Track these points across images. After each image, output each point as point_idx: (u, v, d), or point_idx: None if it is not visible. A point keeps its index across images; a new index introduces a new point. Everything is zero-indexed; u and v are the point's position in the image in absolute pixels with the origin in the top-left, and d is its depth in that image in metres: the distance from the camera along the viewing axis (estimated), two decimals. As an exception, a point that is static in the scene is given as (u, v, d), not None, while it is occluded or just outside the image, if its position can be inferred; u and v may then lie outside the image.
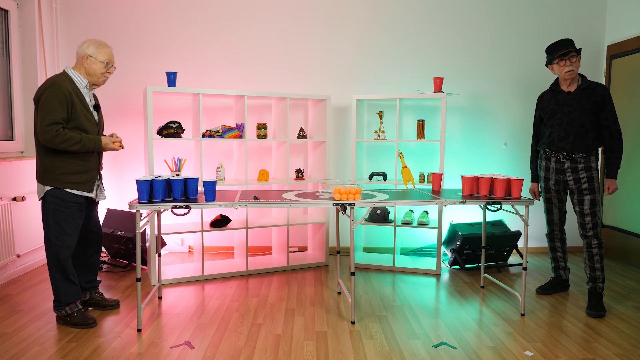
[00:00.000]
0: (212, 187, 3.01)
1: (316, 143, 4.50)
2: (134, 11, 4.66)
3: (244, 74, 4.75)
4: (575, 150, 3.32)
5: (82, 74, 2.95)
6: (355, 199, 3.04)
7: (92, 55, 2.94)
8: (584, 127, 3.29)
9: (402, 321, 3.10)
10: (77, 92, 2.88)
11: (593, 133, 3.29)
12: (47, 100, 2.76)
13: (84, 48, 2.94)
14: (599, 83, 3.33)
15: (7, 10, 4.11)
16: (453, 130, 4.84)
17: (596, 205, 3.31)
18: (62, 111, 2.77)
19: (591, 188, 3.30)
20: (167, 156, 4.68)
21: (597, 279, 3.30)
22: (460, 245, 4.24)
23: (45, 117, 2.74)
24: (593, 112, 3.27)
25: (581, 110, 3.29)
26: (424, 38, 4.79)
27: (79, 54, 2.95)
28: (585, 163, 3.31)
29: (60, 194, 2.85)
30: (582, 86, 3.32)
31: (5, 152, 4.08)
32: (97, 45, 2.95)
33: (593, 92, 3.28)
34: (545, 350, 2.70)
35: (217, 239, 4.85)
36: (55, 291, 2.95)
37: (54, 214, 2.86)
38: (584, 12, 4.83)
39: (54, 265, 2.91)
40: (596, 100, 3.25)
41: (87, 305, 3.23)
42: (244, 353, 2.63)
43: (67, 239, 2.89)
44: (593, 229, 3.30)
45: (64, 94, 2.79)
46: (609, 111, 3.25)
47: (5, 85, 4.13)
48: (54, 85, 2.79)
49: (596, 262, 3.30)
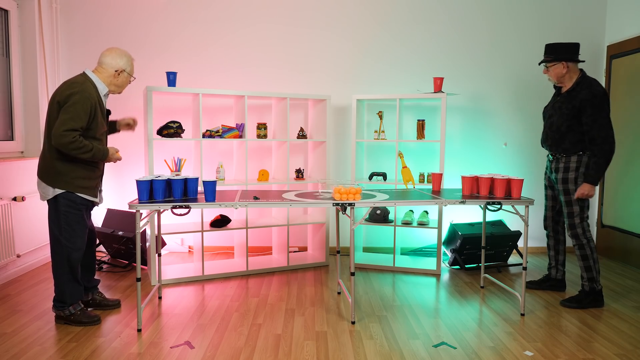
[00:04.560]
0: (212, 187, 3.01)
1: (316, 143, 4.50)
2: (134, 11, 4.66)
3: (244, 74, 4.75)
4: (555, 151, 3.43)
5: (105, 81, 2.95)
6: (355, 199, 3.04)
7: (126, 70, 2.97)
8: (559, 131, 3.35)
9: (402, 321, 3.10)
10: (99, 100, 2.89)
11: (572, 137, 3.32)
12: (74, 105, 2.73)
13: (117, 61, 2.93)
14: (591, 84, 3.26)
15: (7, 10, 4.11)
16: (453, 130, 4.84)
17: (571, 206, 3.36)
18: (84, 120, 2.76)
19: (565, 189, 3.37)
20: (167, 156, 4.68)
21: (583, 278, 3.40)
22: (460, 245, 4.24)
23: (67, 121, 2.71)
24: (571, 116, 3.29)
25: (559, 115, 3.35)
26: (424, 38, 4.79)
27: (110, 65, 2.93)
28: (565, 164, 3.37)
29: (72, 196, 2.88)
30: (570, 89, 3.34)
31: (5, 152, 4.08)
32: (128, 59, 2.99)
33: (575, 97, 3.29)
34: (545, 350, 2.70)
35: (217, 239, 4.85)
36: (59, 292, 2.95)
37: (66, 217, 2.88)
38: (584, 12, 4.83)
39: (62, 267, 2.91)
40: (574, 105, 3.27)
41: (89, 305, 3.23)
42: (244, 353, 2.63)
43: (78, 240, 2.93)
44: (570, 229, 3.38)
45: (92, 103, 2.79)
46: (589, 116, 3.22)
47: (5, 85, 4.13)
48: (83, 92, 2.77)
49: (578, 263, 3.40)
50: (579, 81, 3.31)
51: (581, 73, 3.36)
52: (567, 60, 3.32)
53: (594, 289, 3.35)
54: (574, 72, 3.36)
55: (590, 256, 3.33)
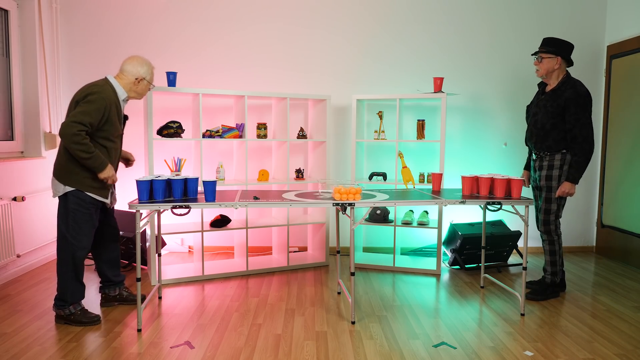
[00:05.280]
0: (212, 187, 3.01)
1: (316, 143, 4.50)
2: (134, 11, 4.66)
3: (244, 74, 4.75)
4: (539, 149, 3.49)
5: (125, 87, 3.03)
6: (355, 199, 3.04)
7: (146, 78, 3.07)
8: (544, 129, 3.42)
9: (402, 321, 3.10)
10: (116, 104, 2.96)
11: (556, 135, 3.38)
12: (88, 102, 2.81)
13: (138, 69, 3.02)
14: (575, 84, 3.35)
15: (7, 10, 4.11)
16: (453, 130, 4.84)
17: (551, 203, 3.45)
18: (95, 118, 2.81)
19: (548, 186, 3.46)
20: (167, 156, 4.68)
21: (546, 271, 3.56)
22: (460, 245, 4.24)
23: (77, 114, 2.77)
24: (556, 114, 3.36)
25: (544, 113, 3.42)
26: (424, 38, 4.79)
27: (131, 73, 3.02)
28: (549, 161, 3.44)
29: (82, 195, 2.92)
30: (555, 87, 3.42)
31: (5, 152, 4.08)
32: (148, 67, 3.08)
33: (560, 95, 3.37)
34: (545, 350, 2.70)
35: (217, 239, 4.85)
36: (61, 290, 2.97)
37: (74, 214, 2.92)
38: (584, 12, 4.83)
39: (66, 264, 2.95)
40: (559, 104, 3.35)
41: (116, 300, 3.31)
42: (244, 353, 2.63)
43: (84, 239, 2.96)
44: (543, 225, 3.49)
45: (106, 104, 2.86)
46: (572, 115, 3.30)
47: (5, 85, 4.13)
48: (101, 93, 2.85)
49: (545, 256, 3.55)
50: (564, 81, 3.40)
51: (566, 73, 3.45)
52: (563, 57, 3.39)
53: (555, 282, 3.55)
54: (561, 71, 3.44)
55: (557, 252, 3.51)
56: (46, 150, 4.39)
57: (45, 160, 4.38)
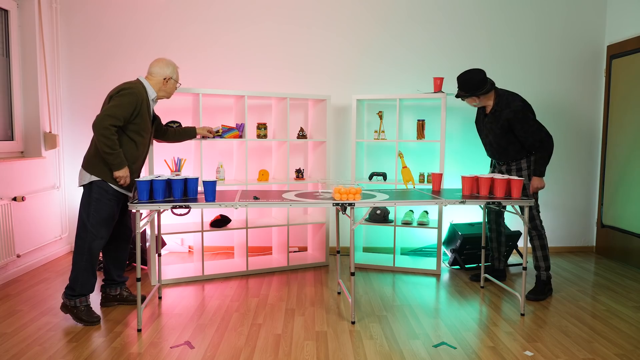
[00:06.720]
0: (212, 187, 3.01)
1: (316, 143, 4.50)
2: (134, 11, 4.66)
3: (244, 74, 4.75)
4: (504, 161, 3.66)
5: (155, 87, 3.19)
6: (355, 199, 3.04)
7: (173, 77, 3.23)
8: (500, 146, 3.59)
9: (402, 321, 3.10)
10: (147, 102, 3.11)
11: (514, 147, 3.55)
12: (121, 97, 2.96)
13: (165, 70, 3.18)
14: (508, 102, 3.44)
15: (7, 10, 4.11)
16: (453, 130, 4.84)
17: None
18: (127, 111, 2.95)
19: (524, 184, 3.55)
20: (167, 156, 4.68)
21: (541, 267, 3.60)
22: (460, 245, 4.24)
23: (111, 107, 2.91)
24: (505, 132, 3.52)
25: (494, 135, 3.58)
26: (423, 38, 4.79)
27: (159, 74, 3.18)
28: (516, 165, 3.62)
29: (106, 186, 3.00)
30: (492, 110, 3.54)
31: (5, 152, 4.08)
32: (174, 67, 3.23)
33: (499, 117, 3.50)
34: (545, 350, 2.70)
35: (217, 239, 4.85)
36: (73, 278, 3.00)
37: (96, 204, 2.99)
38: (584, 12, 4.83)
39: (82, 253, 3.00)
40: (503, 125, 3.50)
41: (116, 300, 3.32)
42: (244, 353, 2.63)
43: (102, 230, 3.02)
44: (530, 221, 3.54)
45: (138, 100, 3.01)
46: (520, 130, 3.44)
47: (5, 85, 4.13)
48: (133, 89, 3.01)
49: (537, 253, 3.61)
50: (497, 100, 3.52)
51: (495, 91, 3.54)
52: (477, 95, 3.50)
53: (550, 277, 3.60)
54: (488, 96, 3.55)
55: (546, 246, 3.60)
56: (46, 150, 4.39)
57: (45, 160, 4.38)
